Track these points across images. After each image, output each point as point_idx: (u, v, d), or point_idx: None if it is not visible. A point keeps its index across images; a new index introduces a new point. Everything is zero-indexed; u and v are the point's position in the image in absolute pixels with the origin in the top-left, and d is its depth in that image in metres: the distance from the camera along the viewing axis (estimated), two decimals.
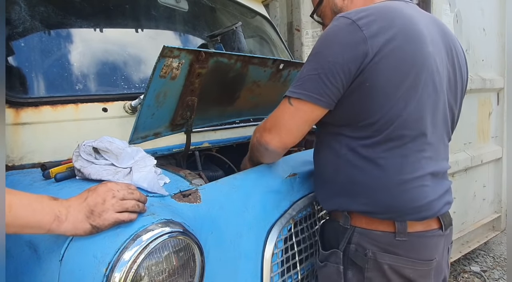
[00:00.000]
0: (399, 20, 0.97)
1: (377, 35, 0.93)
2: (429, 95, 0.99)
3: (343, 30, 0.95)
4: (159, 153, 1.36)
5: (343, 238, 1.04)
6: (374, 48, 0.92)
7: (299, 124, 1.03)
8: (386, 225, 1.00)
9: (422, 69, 0.97)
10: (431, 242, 1.02)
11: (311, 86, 0.97)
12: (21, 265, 0.86)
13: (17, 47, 1.24)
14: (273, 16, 3.27)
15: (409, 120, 0.96)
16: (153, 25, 1.71)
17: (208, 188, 1.07)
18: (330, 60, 0.94)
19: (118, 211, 0.79)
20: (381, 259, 0.99)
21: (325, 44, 0.97)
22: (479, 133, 2.92)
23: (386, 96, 0.95)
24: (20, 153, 1.14)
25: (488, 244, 3.38)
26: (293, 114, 1.01)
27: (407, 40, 0.95)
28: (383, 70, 0.93)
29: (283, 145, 1.07)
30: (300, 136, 1.06)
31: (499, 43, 3.03)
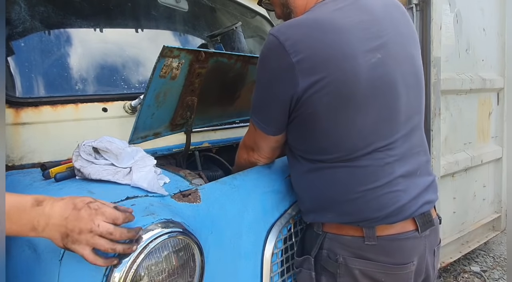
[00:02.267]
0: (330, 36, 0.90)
1: (307, 59, 0.88)
2: (381, 105, 0.94)
3: (272, 52, 0.93)
4: (159, 153, 1.36)
5: (315, 243, 1.03)
6: (304, 73, 0.89)
7: (270, 145, 1.10)
8: (355, 230, 0.98)
9: (363, 86, 0.91)
10: (406, 245, 0.97)
11: (259, 115, 1.03)
12: (21, 265, 0.86)
13: (17, 47, 1.24)
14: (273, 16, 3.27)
15: (359, 139, 0.94)
16: (153, 25, 1.71)
17: (208, 188, 1.07)
18: (269, 90, 0.96)
19: (90, 246, 0.73)
20: (351, 264, 0.97)
21: (260, 69, 0.99)
22: (479, 133, 2.92)
23: (328, 123, 0.93)
24: (20, 152, 1.14)
25: (488, 244, 3.38)
26: (260, 137, 1.08)
27: (340, 58, 0.89)
28: (320, 101, 0.91)
29: (271, 160, 1.20)
30: (280, 151, 1.15)
31: (499, 43, 3.03)
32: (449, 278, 2.88)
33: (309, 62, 0.89)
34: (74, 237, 0.73)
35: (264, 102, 1.00)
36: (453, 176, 2.60)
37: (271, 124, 1.02)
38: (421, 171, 1.02)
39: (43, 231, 0.73)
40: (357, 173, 0.96)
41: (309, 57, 0.89)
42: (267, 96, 0.98)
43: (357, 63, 0.90)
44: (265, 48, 0.95)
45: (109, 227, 0.74)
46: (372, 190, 0.95)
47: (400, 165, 0.98)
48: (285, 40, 0.89)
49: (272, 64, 0.94)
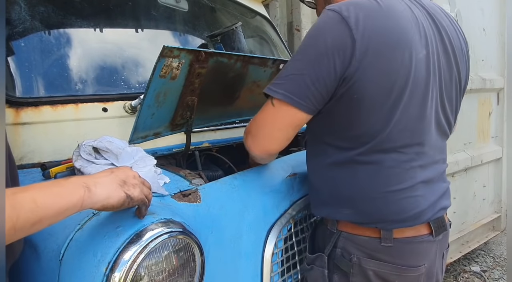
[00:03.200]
0: (389, 22, 0.90)
1: (367, 38, 0.86)
2: (417, 103, 0.94)
3: (331, 27, 0.87)
4: (159, 153, 1.36)
5: (329, 242, 1.03)
6: (362, 53, 0.86)
7: (282, 128, 0.95)
8: (371, 231, 0.98)
9: (409, 79, 0.91)
10: (420, 248, 0.98)
11: (293, 88, 0.90)
12: (21, 264, 0.86)
13: (17, 47, 1.24)
14: (273, 16, 3.28)
15: (394, 132, 0.92)
16: (153, 25, 1.71)
17: (208, 188, 1.07)
18: (316, 61, 0.88)
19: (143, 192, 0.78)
20: (365, 264, 0.97)
21: (311, 42, 0.90)
22: (479, 133, 2.92)
23: (371, 110, 0.90)
24: (20, 152, 1.14)
25: (488, 244, 3.38)
26: (275, 116, 0.94)
27: (395, 46, 0.88)
28: (370, 81, 0.88)
29: (266, 152, 1.01)
30: (285, 142, 0.99)
31: (499, 43, 3.03)
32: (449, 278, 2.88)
33: (368, 42, 0.86)
34: (132, 181, 0.76)
35: (307, 76, 0.88)
36: (453, 176, 2.60)
37: (309, 100, 0.90)
38: (438, 178, 1.04)
39: (97, 187, 0.69)
40: (383, 173, 0.95)
41: (369, 37, 0.86)
42: (313, 71, 0.88)
43: (409, 54, 0.90)
44: (321, 22, 0.89)
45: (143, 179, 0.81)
46: (394, 192, 0.95)
47: (422, 171, 0.98)
48: (348, 17, 0.86)
49: (329, 38, 0.87)
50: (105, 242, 0.78)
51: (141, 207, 0.79)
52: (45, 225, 0.62)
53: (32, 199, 0.60)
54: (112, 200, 0.71)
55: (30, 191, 0.61)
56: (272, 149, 0.99)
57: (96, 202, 0.69)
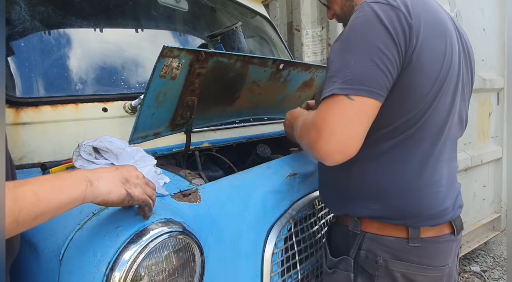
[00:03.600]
0: (432, 12, 0.92)
1: (418, 25, 0.87)
2: (449, 94, 0.95)
3: (386, 14, 0.85)
4: (159, 153, 1.36)
5: (354, 244, 0.99)
6: (417, 39, 0.86)
7: (365, 126, 0.86)
8: (399, 230, 0.95)
9: (449, 68, 0.92)
10: (444, 248, 0.98)
11: (371, 79, 0.83)
12: (21, 264, 0.86)
13: (17, 47, 1.24)
14: (273, 16, 3.28)
15: (429, 122, 0.92)
16: (153, 25, 1.71)
17: (208, 188, 1.07)
18: (381, 46, 0.83)
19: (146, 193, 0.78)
20: (393, 266, 0.94)
21: (369, 31, 0.85)
22: (479, 133, 2.92)
23: (417, 97, 0.89)
24: (20, 152, 1.14)
25: (488, 244, 3.38)
26: (357, 114, 0.84)
27: (439, 35, 0.91)
28: (421, 67, 0.88)
29: (347, 157, 0.87)
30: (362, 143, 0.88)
31: (499, 43, 3.03)
32: None
33: (420, 29, 0.87)
34: (134, 180, 0.76)
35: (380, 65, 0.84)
36: None
37: (385, 89, 0.85)
38: (455, 175, 1.04)
39: (99, 182, 0.69)
40: (416, 164, 0.93)
41: (420, 24, 0.87)
42: (384, 57, 0.84)
43: (450, 44, 0.93)
44: (370, 12, 0.86)
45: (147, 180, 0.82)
46: (425, 186, 0.95)
47: (445, 165, 0.98)
48: (398, 5, 0.87)
49: (387, 23, 0.84)
50: (105, 242, 0.78)
51: (143, 207, 0.79)
52: (47, 218, 0.62)
53: (34, 193, 0.60)
54: (113, 195, 0.71)
55: (32, 185, 0.61)
56: (357, 149, 0.87)
57: (97, 196, 0.69)
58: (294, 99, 1.66)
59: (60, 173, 0.69)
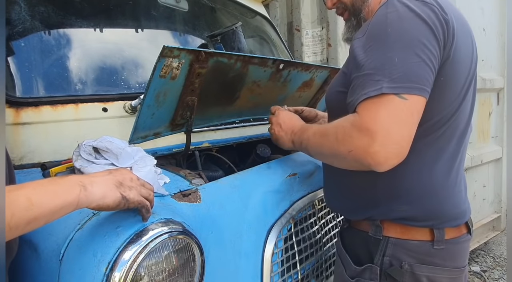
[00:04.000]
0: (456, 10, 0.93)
1: (452, 20, 0.86)
2: (472, 91, 0.95)
3: (422, 10, 0.83)
4: (159, 153, 1.36)
5: (377, 250, 0.95)
6: (452, 34, 0.85)
7: (416, 125, 0.82)
8: (423, 233, 0.93)
9: (476, 64, 0.94)
10: (463, 248, 0.98)
11: (420, 76, 0.79)
12: (21, 264, 0.86)
13: (17, 47, 1.24)
14: (273, 16, 3.28)
15: (459, 118, 0.91)
16: (153, 25, 1.71)
17: (208, 188, 1.07)
18: (424, 41, 0.80)
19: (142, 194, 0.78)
20: (418, 271, 0.92)
21: (406, 27, 0.81)
22: (479, 133, 2.92)
23: (452, 94, 0.89)
24: (20, 152, 1.14)
25: (488, 244, 3.38)
26: (412, 112, 0.79)
27: (464, 30, 0.92)
28: (457, 62, 0.87)
29: (401, 160, 0.81)
30: None
31: (499, 43, 3.03)
32: None
33: (453, 25, 0.86)
34: (129, 183, 0.76)
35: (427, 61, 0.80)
36: None
37: (431, 85, 0.82)
38: None
39: (93, 186, 0.69)
40: (445, 163, 0.92)
41: (453, 20, 0.86)
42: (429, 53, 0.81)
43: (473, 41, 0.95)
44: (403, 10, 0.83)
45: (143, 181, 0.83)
46: (453, 185, 0.94)
47: (462, 165, 0.98)
48: (431, 2, 0.84)
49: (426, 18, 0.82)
50: (105, 242, 0.78)
51: (141, 209, 0.79)
52: (41, 223, 0.61)
53: (27, 197, 0.59)
54: (108, 200, 0.71)
55: (25, 189, 0.61)
56: (407, 151, 0.81)
57: (91, 201, 0.69)
58: (294, 99, 1.66)
59: (54, 178, 0.69)
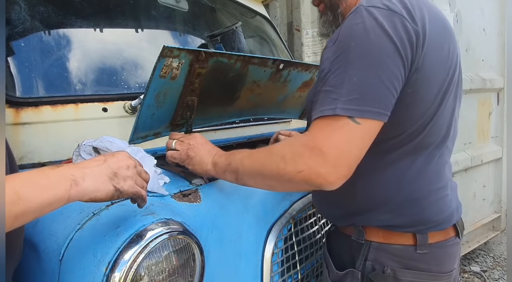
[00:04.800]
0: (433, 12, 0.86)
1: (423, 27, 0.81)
2: (452, 96, 0.91)
3: (387, 21, 0.78)
4: (159, 153, 1.36)
5: (359, 254, 0.94)
6: (422, 44, 0.80)
7: (366, 149, 0.81)
8: (405, 237, 0.91)
9: (454, 69, 0.89)
10: (451, 251, 0.95)
11: (377, 99, 0.77)
12: (21, 264, 0.86)
13: (17, 47, 1.24)
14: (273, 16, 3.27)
15: (435, 127, 0.89)
16: (153, 25, 1.71)
17: (208, 188, 1.07)
18: (387, 61, 0.77)
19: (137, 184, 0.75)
20: (401, 276, 0.90)
21: (372, 42, 0.77)
22: (479, 133, 2.92)
23: (425, 105, 0.85)
24: (20, 152, 1.14)
25: (488, 244, 3.38)
26: (363, 136, 0.79)
27: (439, 32, 0.86)
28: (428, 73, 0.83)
29: (345, 179, 0.81)
30: None
31: (499, 43, 3.03)
32: None
33: (425, 32, 0.81)
34: (124, 173, 0.72)
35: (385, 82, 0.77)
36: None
37: (391, 107, 0.80)
38: (451, 176, 1.01)
39: (85, 180, 0.65)
40: (425, 170, 0.90)
41: (424, 27, 0.81)
42: (389, 73, 0.77)
43: (452, 45, 0.88)
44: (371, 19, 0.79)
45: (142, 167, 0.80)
46: (435, 191, 0.92)
47: (448, 168, 0.96)
48: (400, 11, 0.79)
49: (391, 33, 0.77)
50: (105, 242, 0.78)
51: (136, 199, 0.77)
52: (30, 218, 0.59)
53: (15, 191, 0.57)
54: (100, 193, 0.68)
55: (13, 182, 0.58)
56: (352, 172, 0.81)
57: (83, 195, 0.66)
58: (294, 99, 1.66)
59: (45, 169, 0.64)
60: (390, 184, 0.91)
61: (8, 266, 0.72)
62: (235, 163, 0.96)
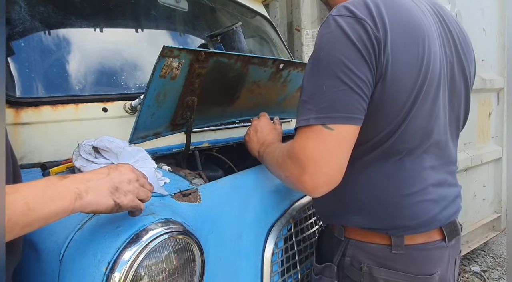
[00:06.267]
0: (402, 13, 0.86)
1: (387, 32, 0.81)
2: (430, 100, 0.89)
3: (351, 28, 0.80)
4: (159, 153, 1.36)
5: (337, 250, 0.98)
6: (386, 50, 0.81)
7: (347, 153, 0.83)
8: (381, 237, 0.93)
9: (427, 73, 0.86)
10: (433, 255, 0.94)
11: (346, 104, 0.80)
12: (21, 264, 0.86)
13: (17, 47, 1.24)
14: (273, 16, 3.27)
15: (407, 132, 0.88)
16: (153, 25, 1.71)
17: (208, 188, 1.07)
18: (351, 67, 0.79)
19: (137, 197, 0.77)
20: (377, 274, 0.92)
21: (334, 49, 0.81)
22: (479, 133, 2.92)
23: (393, 110, 0.85)
24: (20, 152, 1.14)
25: (488, 244, 3.38)
26: (338, 144, 0.81)
27: (412, 38, 0.85)
28: (395, 77, 0.82)
29: (333, 187, 0.85)
30: None
31: (499, 43, 3.03)
32: None
33: (389, 36, 0.81)
34: (125, 187, 0.74)
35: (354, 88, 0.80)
36: None
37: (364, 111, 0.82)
38: (450, 181, 1.00)
39: (88, 194, 0.68)
40: (396, 176, 0.91)
41: (388, 32, 0.81)
42: (357, 79, 0.80)
43: (427, 47, 0.87)
44: (337, 27, 0.81)
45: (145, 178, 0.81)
46: (407, 196, 0.91)
47: (433, 173, 0.95)
48: (364, 17, 0.81)
49: (355, 40, 0.80)
50: (105, 242, 0.78)
51: (134, 212, 0.79)
52: (34, 227, 0.61)
53: (25, 202, 0.59)
54: (101, 207, 0.71)
55: (23, 192, 0.60)
56: (341, 176, 0.84)
57: (85, 208, 0.69)
58: (294, 99, 1.66)
59: (52, 179, 0.67)
60: (362, 188, 0.93)
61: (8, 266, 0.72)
62: (264, 157, 1.10)
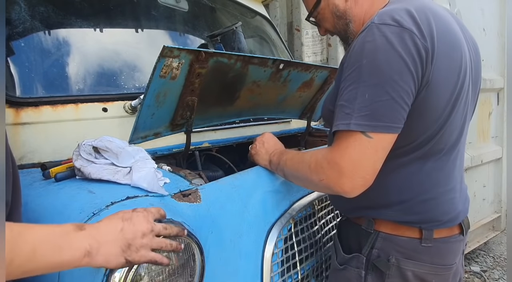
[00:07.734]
0: (443, 22, 0.90)
1: (433, 41, 0.85)
2: (463, 102, 0.95)
3: (397, 38, 0.83)
4: (159, 153, 1.36)
5: (366, 242, 1.01)
6: (432, 58, 0.84)
7: (382, 158, 0.88)
8: (412, 231, 0.97)
9: (464, 77, 0.92)
10: (453, 247, 1.01)
11: (387, 114, 0.83)
12: None
13: (17, 47, 1.24)
14: (273, 16, 3.28)
15: (447, 133, 0.94)
16: (153, 25, 1.71)
17: (208, 188, 1.07)
18: (396, 78, 0.82)
19: (152, 248, 0.73)
20: (404, 266, 0.96)
21: (382, 60, 0.82)
22: (479, 133, 2.92)
23: (435, 114, 0.90)
24: (20, 152, 1.14)
25: (488, 244, 3.38)
26: (377, 149, 0.85)
27: (453, 46, 0.90)
28: (437, 85, 0.87)
29: (367, 187, 0.89)
30: None
31: (499, 43, 3.03)
32: None
33: (435, 45, 0.85)
34: (138, 243, 0.71)
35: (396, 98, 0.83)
36: None
37: (403, 120, 0.86)
38: (463, 178, 1.07)
39: (98, 253, 0.66)
40: (436, 174, 0.96)
41: (434, 40, 0.85)
42: (400, 89, 0.82)
43: (463, 54, 0.92)
44: (381, 37, 0.83)
45: (163, 223, 0.76)
46: (444, 193, 0.98)
47: (460, 172, 1.03)
48: (410, 27, 0.83)
49: (401, 51, 0.82)
50: None
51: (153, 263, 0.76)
52: (34, 274, 0.61)
53: (33, 248, 0.58)
54: (110, 264, 0.69)
55: (35, 235, 0.59)
56: (373, 179, 0.89)
57: (92, 265, 0.68)
58: (294, 99, 1.66)
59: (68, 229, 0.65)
60: (401, 185, 0.97)
61: None
62: (282, 163, 1.11)
